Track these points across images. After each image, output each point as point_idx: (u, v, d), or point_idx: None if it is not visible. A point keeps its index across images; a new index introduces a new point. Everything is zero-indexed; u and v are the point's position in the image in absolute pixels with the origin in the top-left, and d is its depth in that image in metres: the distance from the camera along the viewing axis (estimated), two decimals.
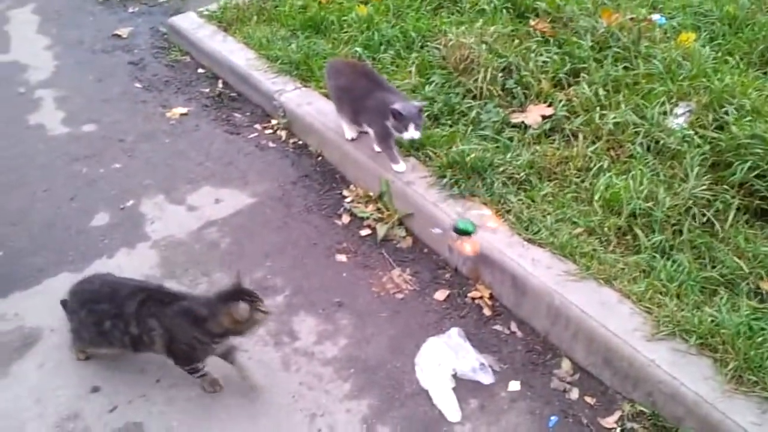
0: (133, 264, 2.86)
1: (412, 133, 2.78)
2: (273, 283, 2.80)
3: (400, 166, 3.04)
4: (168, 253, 2.93)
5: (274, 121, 3.83)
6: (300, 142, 3.68)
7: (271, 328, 2.58)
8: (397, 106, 2.77)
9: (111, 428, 2.23)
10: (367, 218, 3.09)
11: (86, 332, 2.33)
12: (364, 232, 3.06)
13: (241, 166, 3.49)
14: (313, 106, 3.64)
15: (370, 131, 3.06)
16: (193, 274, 2.82)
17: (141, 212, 3.18)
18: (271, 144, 3.68)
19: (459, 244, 2.69)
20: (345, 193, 3.27)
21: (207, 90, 4.19)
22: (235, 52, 4.21)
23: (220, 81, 4.25)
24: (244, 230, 3.07)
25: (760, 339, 2.19)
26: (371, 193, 3.19)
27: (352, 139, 3.29)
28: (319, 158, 3.55)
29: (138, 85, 4.27)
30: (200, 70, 4.41)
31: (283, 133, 3.74)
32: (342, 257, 2.93)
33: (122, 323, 2.20)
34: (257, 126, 3.83)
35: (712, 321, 2.27)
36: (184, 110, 3.96)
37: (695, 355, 2.21)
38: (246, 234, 3.05)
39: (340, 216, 3.15)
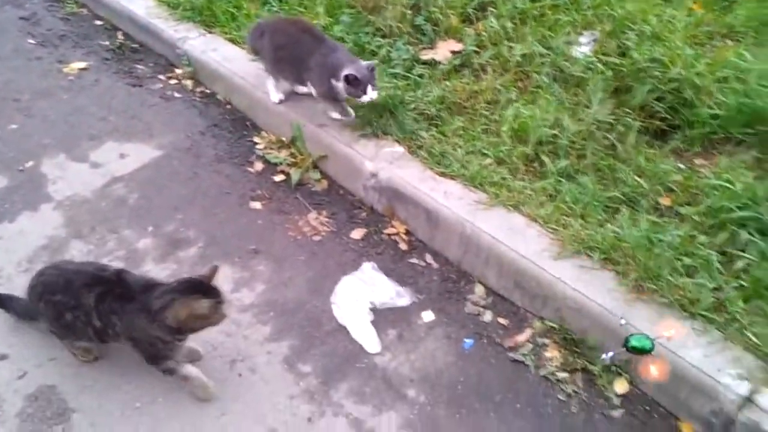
0: (36, 227, 2.73)
1: (370, 95, 2.65)
2: (185, 235, 2.73)
3: (336, 114, 2.96)
4: (73, 213, 2.80)
5: (178, 71, 3.69)
6: (207, 91, 3.56)
7: None
8: (350, 70, 2.62)
9: (23, 395, 2.15)
10: (281, 163, 3.04)
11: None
12: (278, 177, 3.01)
13: (146, 119, 3.35)
14: (219, 53, 3.51)
15: (313, 90, 2.92)
16: (100, 232, 2.72)
17: (42, 173, 3.01)
18: (176, 94, 3.55)
19: (643, 367, 2.16)
20: (256, 139, 3.20)
21: (106, 42, 3.97)
22: (133, 1, 3.99)
23: (119, 32, 4.04)
24: (152, 184, 2.96)
25: (658, 250, 2.30)
26: (284, 138, 3.13)
27: (280, 101, 3.12)
28: (228, 106, 3.45)
29: (31, 41, 3.99)
30: (98, 22, 4.16)
31: (188, 83, 3.61)
32: (256, 204, 2.88)
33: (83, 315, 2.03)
34: (161, 77, 3.68)
35: (615, 237, 2.37)
36: (82, 65, 3.75)
37: (599, 270, 2.31)
38: (154, 188, 2.94)
39: (252, 163, 3.09)
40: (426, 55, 3.27)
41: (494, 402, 2.18)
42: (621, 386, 2.21)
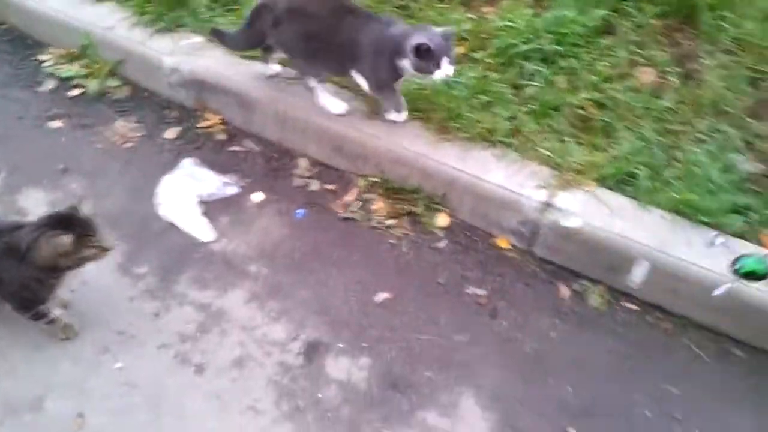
0: None
1: (445, 70, 2.11)
2: None
3: (402, 115, 2.42)
4: None
5: None
6: None
7: None
8: (419, 39, 2.07)
9: None
10: (74, 77, 2.84)
11: None
12: (75, 92, 2.82)
13: None
14: None
15: (364, 84, 2.34)
16: None
17: None
18: None
19: None
20: (42, 57, 2.94)
21: None
22: None
23: None
24: None
25: (456, 93, 2.46)
26: (73, 50, 2.90)
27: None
28: (3, 26, 3.12)
29: None
30: None
31: None
32: (56, 123, 2.70)
33: None
34: None
35: (416, 88, 2.48)
36: None
37: (408, 121, 2.43)
38: None
39: (41, 83, 2.86)
40: None
41: (332, 260, 2.30)
42: (442, 220, 2.41)
